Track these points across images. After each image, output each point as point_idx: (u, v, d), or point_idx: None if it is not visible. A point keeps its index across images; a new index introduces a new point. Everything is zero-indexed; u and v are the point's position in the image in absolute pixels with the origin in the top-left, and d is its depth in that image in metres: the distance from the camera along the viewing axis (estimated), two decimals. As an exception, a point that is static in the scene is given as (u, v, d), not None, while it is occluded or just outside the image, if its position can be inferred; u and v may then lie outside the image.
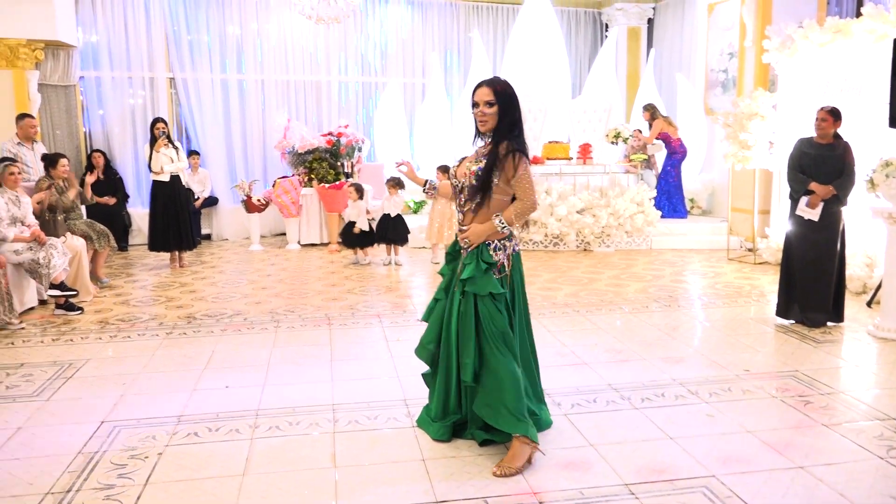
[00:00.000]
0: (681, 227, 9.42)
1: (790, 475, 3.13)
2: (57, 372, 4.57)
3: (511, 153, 3.17)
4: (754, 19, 8.73)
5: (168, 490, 3.04)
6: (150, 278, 7.70)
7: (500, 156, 3.18)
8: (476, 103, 3.21)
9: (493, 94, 3.18)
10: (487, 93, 3.19)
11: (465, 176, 3.28)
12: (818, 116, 5.43)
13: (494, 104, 3.18)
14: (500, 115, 3.19)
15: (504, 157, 3.18)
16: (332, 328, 5.58)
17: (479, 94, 3.21)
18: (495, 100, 3.17)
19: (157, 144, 7.82)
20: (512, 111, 3.21)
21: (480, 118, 3.22)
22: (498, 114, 3.19)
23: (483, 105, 3.19)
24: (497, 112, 3.19)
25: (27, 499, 2.97)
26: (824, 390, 4.16)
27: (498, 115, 3.19)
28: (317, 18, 8.86)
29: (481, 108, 3.20)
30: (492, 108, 3.18)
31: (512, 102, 3.22)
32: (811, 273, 5.48)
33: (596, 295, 6.67)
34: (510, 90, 3.23)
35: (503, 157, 3.18)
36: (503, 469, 3.14)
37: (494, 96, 3.17)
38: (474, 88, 3.25)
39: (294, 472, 3.19)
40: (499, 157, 3.18)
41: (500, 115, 3.19)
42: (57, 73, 9.73)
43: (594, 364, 4.66)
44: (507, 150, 3.17)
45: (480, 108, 3.20)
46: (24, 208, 6.15)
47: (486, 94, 3.19)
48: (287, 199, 9.56)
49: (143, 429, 3.67)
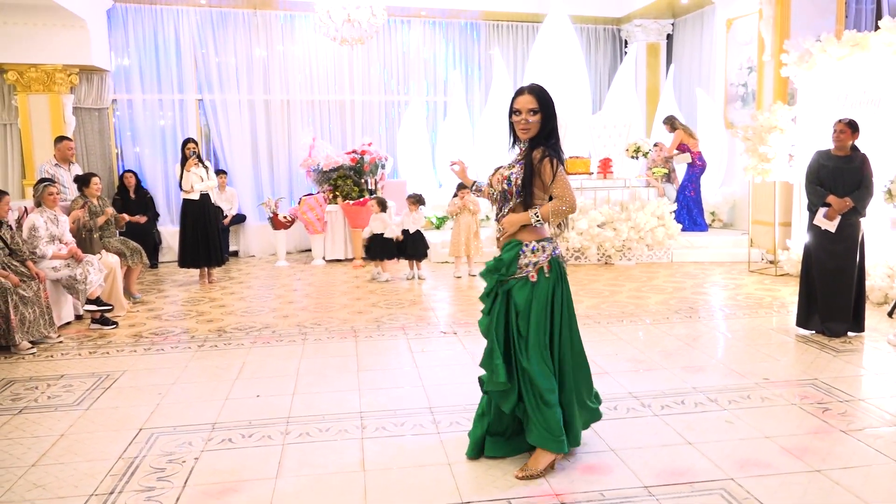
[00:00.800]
0: (702, 239, 9.47)
1: (807, 478, 3.20)
2: (95, 383, 4.76)
3: (547, 158, 3.16)
4: (772, 34, 8.81)
5: (206, 491, 3.18)
6: (181, 294, 7.92)
7: (536, 161, 3.17)
8: (518, 111, 3.19)
9: (536, 102, 3.16)
10: (531, 101, 3.16)
11: (499, 182, 3.29)
12: (836, 129, 5.50)
13: (538, 112, 3.16)
14: (542, 123, 3.19)
15: (540, 161, 3.16)
16: (357, 340, 5.73)
17: (522, 102, 3.17)
18: (538, 108, 3.16)
19: (187, 164, 8.07)
20: (553, 119, 3.21)
21: (523, 126, 3.19)
22: (540, 122, 3.18)
23: (526, 113, 3.16)
24: (539, 120, 3.18)
25: (73, 500, 3.13)
26: (843, 398, 4.21)
27: (540, 122, 3.18)
28: (341, 40, 9.09)
29: (524, 115, 3.17)
30: (535, 116, 3.17)
31: (553, 110, 3.21)
32: (831, 283, 5.53)
33: (617, 307, 6.75)
34: (550, 98, 3.22)
35: (538, 162, 3.16)
36: (526, 472, 3.25)
37: (538, 104, 3.16)
38: (515, 95, 3.22)
39: (325, 475, 3.33)
40: (534, 162, 3.17)
41: (542, 122, 3.18)
42: (91, 96, 10.08)
43: (615, 373, 4.75)
44: (543, 156, 3.16)
45: (523, 115, 3.17)
46: (62, 227, 6.40)
47: (530, 101, 3.16)
48: (312, 215, 9.76)
49: (180, 435, 3.82)
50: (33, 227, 6.10)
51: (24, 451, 3.66)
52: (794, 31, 8.46)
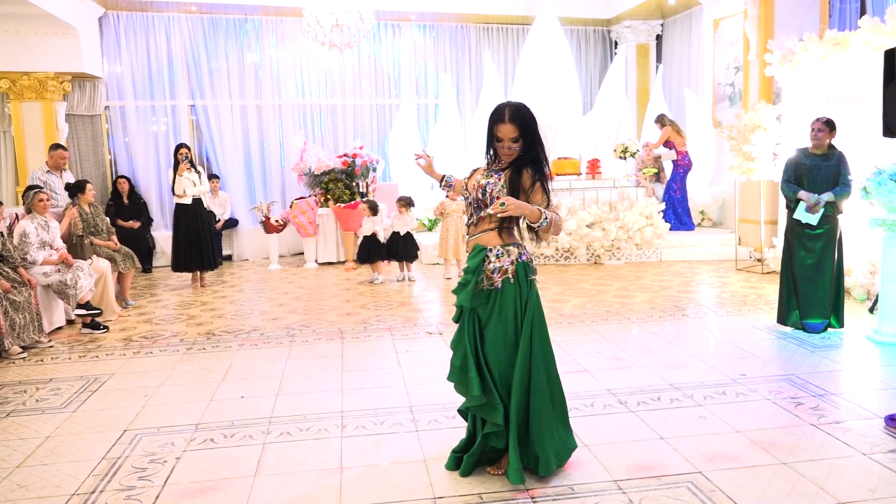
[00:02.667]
0: (690, 238, 9.55)
1: (773, 470, 3.27)
2: (83, 386, 4.83)
3: (538, 183, 3.13)
4: (757, 33, 8.88)
5: (186, 490, 3.26)
6: (173, 298, 7.99)
7: (526, 186, 3.13)
8: (499, 138, 3.15)
9: (517, 131, 3.12)
10: (512, 130, 3.12)
11: (475, 189, 3.25)
12: (814, 127, 5.58)
13: (519, 139, 3.14)
14: (524, 148, 3.17)
15: (531, 187, 3.13)
16: (344, 341, 5.80)
17: (504, 132, 3.13)
18: (520, 135, 3.13)
19: (180, 169, 8.15)
20: (536, 141, 3.17)
21: (507, 153, 3.17)
22: (523, 147, 3.17)
23: (507, 141, 3.14)
24: (521, 145, 3.16)
25: (54, 499, 3.20)
26: (816, 392, 4.29)
27: (523, 147, 3.17)
28: (330, 45, 9.17)
29: (506, 143, 3.14)
30: (517, 143, 3.15)
31: (535, 132, 3.17)
32: (810, 279, 5.61)
33: (603, 306, 6.83)
34: (531, 119, 3.17)
35: (530, 187, 3.13)
36: (500, 469, 3.31)
37: (519, 132, 3.12)
38: (494, 120, 3.16)
39: (303, 473, 3.40)
40: (525, 187, 3.13)
41: (524, 147, 3.17)
42: (84, 103, 10.18)
43: (594, 371, 4.82)
44: (533, 181, 3.13)
45: (505, 143, 3.14)
46: (53, 232, 6.48)
47: (511, 131, 3.12)
48: (304, 219, 9.84)
49: (163, 436, 3.90)
50: (24, 234, 6.18)
51: (9, 453, 3.73)
52: (778, 31, 8.53)
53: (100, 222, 7.44)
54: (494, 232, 3.21)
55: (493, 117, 3.18)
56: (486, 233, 3.22)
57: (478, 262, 3.18)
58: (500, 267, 3.16)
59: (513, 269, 3.17)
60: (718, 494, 3.07)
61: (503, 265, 3.16)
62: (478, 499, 3.10)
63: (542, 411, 3.20)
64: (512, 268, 3.17)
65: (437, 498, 3.11)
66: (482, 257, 3.18)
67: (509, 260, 3.17)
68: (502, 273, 3.16)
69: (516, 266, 3.18)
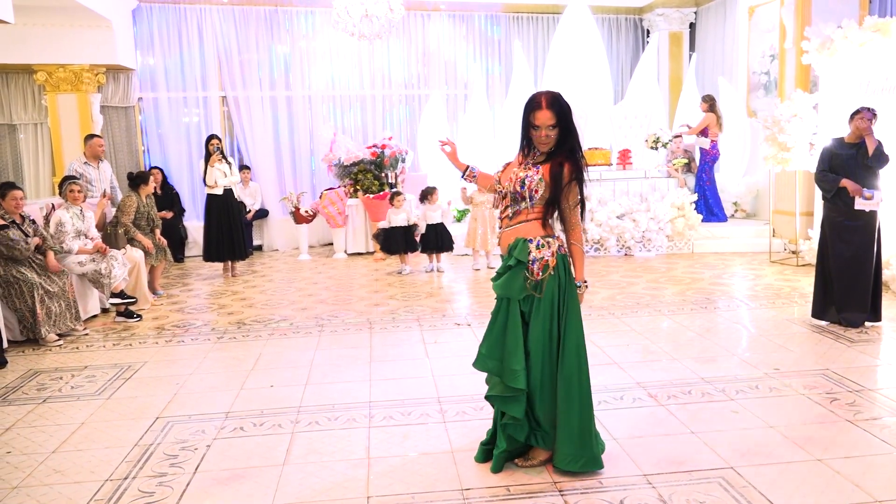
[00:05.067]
0: (723, 230, 9.40)
1: (807, 467, 3.21)
2: (117, 373, 4.91)
3: (574, 182, 3.13)
4: (794, 21, 8.69)
5: (216, 477, 3.30)
6: (205, 287, 8.09)
7: (565, 182, 3.13)
8: (537, 126, 3.12)
9: (555, 118, 3.09)
10: (550, 117, 3.09)
11: (510, 181, 3.21)
12: (863, 117, 5.38)
13: (556, 126, 3.11)
14: (561, 136, 3.14)
15: (569, 184, 3.13)
16: (372, 332, 5.82)
17: (541, 119, 3.10)
18: (557, 122, 3.10)
19: (211, 160, 8.23)
20: (571, 130, 3.15)
21: (544, 141, 3.14)
22: (559, 135, 3.13)
23: (546, 129, 3.11)
24: (558, 133, 3.13)
25: (89, 485, 3.26)
26: (853, 387, 4.19)
27: (559, 135, 3.13)
28: (359, 35, 9.16)
29: (544, 131, 3.11)
30: (554, 131, 3.12)
31: (571, 121, 3.14)
32: (848, 273, 5.48)
33: (633, 298, 6.75)
34: (568, 107, 3.15)
35: (567, 183, 3.13)
36: (528, 461, 3.30)
37: (556, 118, 3.09)
38: (531, 108, 3.13)
39: (331, 462, 3.42)
40: (563, 182, 3.13)
41: (561, 135, 3.14)
42: (118, 95, 10.32)
43: (624, 364, 4.77)
44: (571, 177, 3.13)
45: (543, 130, 3.11)
46: (88, 222, 6.58)
47: (549, 118, 3.09)
48: (333, 209, 9.88)
49: (194, 424, 3.94)
50: (60, 223, 6.29)
51: (45, 439, 3.81)
52: (815, 18, 8.33)
53: (154, 215, 7.52)
54: (535, 222, 3.18)
55: (530, 105, 3.15)
56: (524, 224, 3.19)
57: (525, 253, 3.13)
58: (540, 258, 3.13)
59: (553, 261, 3.15)
60: (751, 491, 3.01)
61: (544, 256, 3.13)
62: (505, 491, 3.09)
63: (574, 406, 3.18)
64: (553, 260, 3.15)
65: (464, 489, 3.11)
66: (527, 248, 3.14)
67: (550, 251, 3.15)
68: (542, 264, 3.13)
69: (557, 258, 3.17)
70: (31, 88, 9.98)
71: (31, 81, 9.88)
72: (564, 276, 3.20)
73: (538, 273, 3.13)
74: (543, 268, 3.13)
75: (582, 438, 3.19)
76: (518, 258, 3.14)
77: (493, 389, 3.28)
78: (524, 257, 3.13)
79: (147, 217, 7.40)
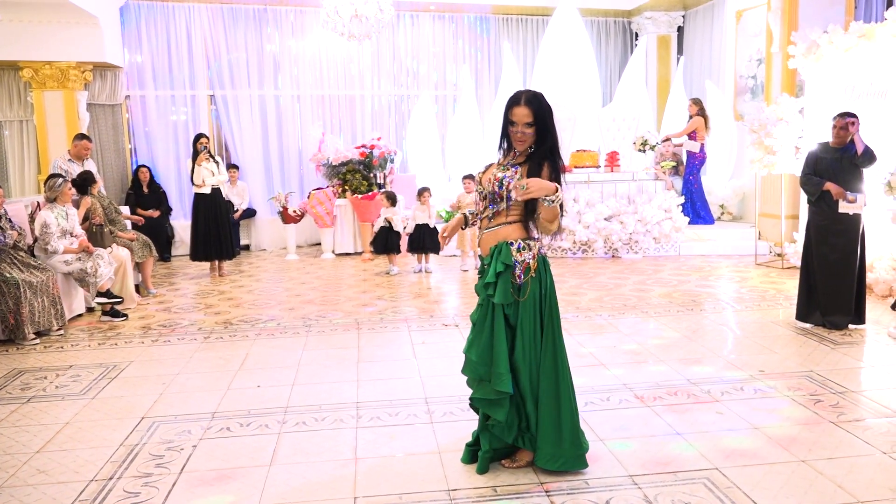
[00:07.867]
0: (709, 232, 9.46)
1: (791, 468, 3.24)
2: (102, 373, 4.88)
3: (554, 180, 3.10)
4: (781, 25, 8.75)
5: (202, 477, 3.28)
6: (191, 287, 8.05)
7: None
8: (513, 122, 3.12)
9: (532, 116, 3.09)
10: (527, 114, 3.09)
11: (490, 183, 3.20)
12: (838, 125, 5.46)
13: (533, 125, 3.11)
14: (538, 135, 3.13)
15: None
16: (360, 332, 5.81)
17: (518, 115, 3.10)
18: (534, 121, 3.10)
19: (198, 159, 8.19)
20: (551, 129, 3.14)
21: (519, 138, 3.14)
22: (536, 133, 3.13)
23: (522, 126, 3.11)
24: (535, 132, 3.13)
25: (73, 485, 3.24)
26: (837, 389, 4.23)
27: (536, 134, 3.13)
28: (348, 36, 9.15)
29: (520, 127, 3.11)
30: (531, 129, 3.11)
31: (550, 120, 3.14)
32: (833, 276, 5.53)
33: (620, 300, 6.78)
34: (547, 107, 3.14)
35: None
36: (515, 462, 3.31)
37: (534, 117, 3.09)
38: (510, 104, 3.14)
39: (317, 462, 3.41)
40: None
41: (538, 134, 3.13)
42: (104, 92, 10.25)
43: (611, 365, 4.80)
44: (551, 178, 3.09)
45: (519, 127, 3.11)
46: (72, 220, 6.54)
47: (526, 115, 3.09)
48: (322, 209, 9.86)
49: (180, 424, 3.93)
50: (45, 224, 6.24)
51: (30, 438, 3.78)
52: (802, 23, 8.39)
53: (115, 215, 7.54)
54: (515, 225, 3.17)
55: (509, 102, 3.17)
56: (504, 226, 3.18)
57: (509, 257, 3.12)
58: (522, 261, 3.14)
59: (535, 264, 3.16)
60: (735, 491, 3.04)
61: (525, 259, 3.14)
62: (492, 492, 3.10)
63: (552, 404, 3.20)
64: (534, 262, 3.16)
65: (451, 490, 3.11)
66: (509, 251, 3.14)
67: (531, 254, 3.16)
68: (524, 266, 3.14)
69: (537, 260, 3.18)
70: (17, 85, 9.88)
71: (16, 78, 9.79)
72: (545, 276, 3.22)
73: (520, 276, 3.14)
74: (525, 270, 3.14)
75: (561, 437, 3.19)
76: (504, 262, 3.13)
77: (478, 392, 3.28)
78: (510, 261, 3.13)
79: (115, 210, 7.48)
